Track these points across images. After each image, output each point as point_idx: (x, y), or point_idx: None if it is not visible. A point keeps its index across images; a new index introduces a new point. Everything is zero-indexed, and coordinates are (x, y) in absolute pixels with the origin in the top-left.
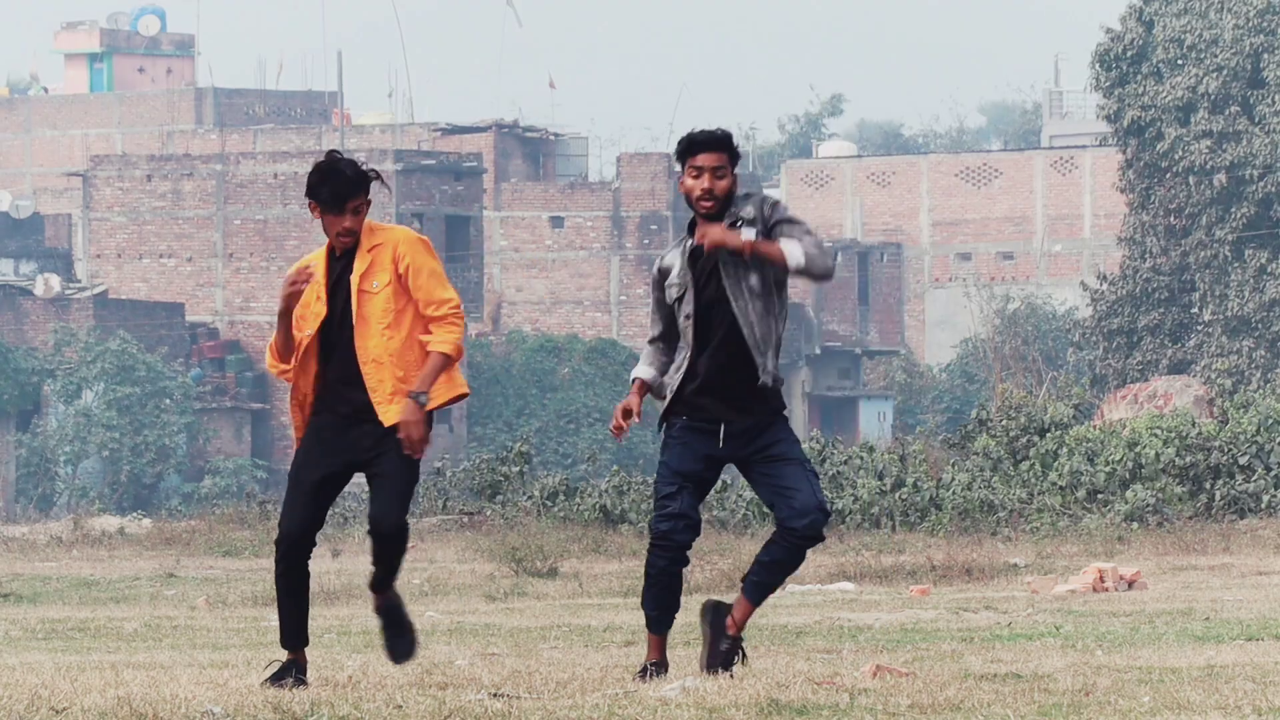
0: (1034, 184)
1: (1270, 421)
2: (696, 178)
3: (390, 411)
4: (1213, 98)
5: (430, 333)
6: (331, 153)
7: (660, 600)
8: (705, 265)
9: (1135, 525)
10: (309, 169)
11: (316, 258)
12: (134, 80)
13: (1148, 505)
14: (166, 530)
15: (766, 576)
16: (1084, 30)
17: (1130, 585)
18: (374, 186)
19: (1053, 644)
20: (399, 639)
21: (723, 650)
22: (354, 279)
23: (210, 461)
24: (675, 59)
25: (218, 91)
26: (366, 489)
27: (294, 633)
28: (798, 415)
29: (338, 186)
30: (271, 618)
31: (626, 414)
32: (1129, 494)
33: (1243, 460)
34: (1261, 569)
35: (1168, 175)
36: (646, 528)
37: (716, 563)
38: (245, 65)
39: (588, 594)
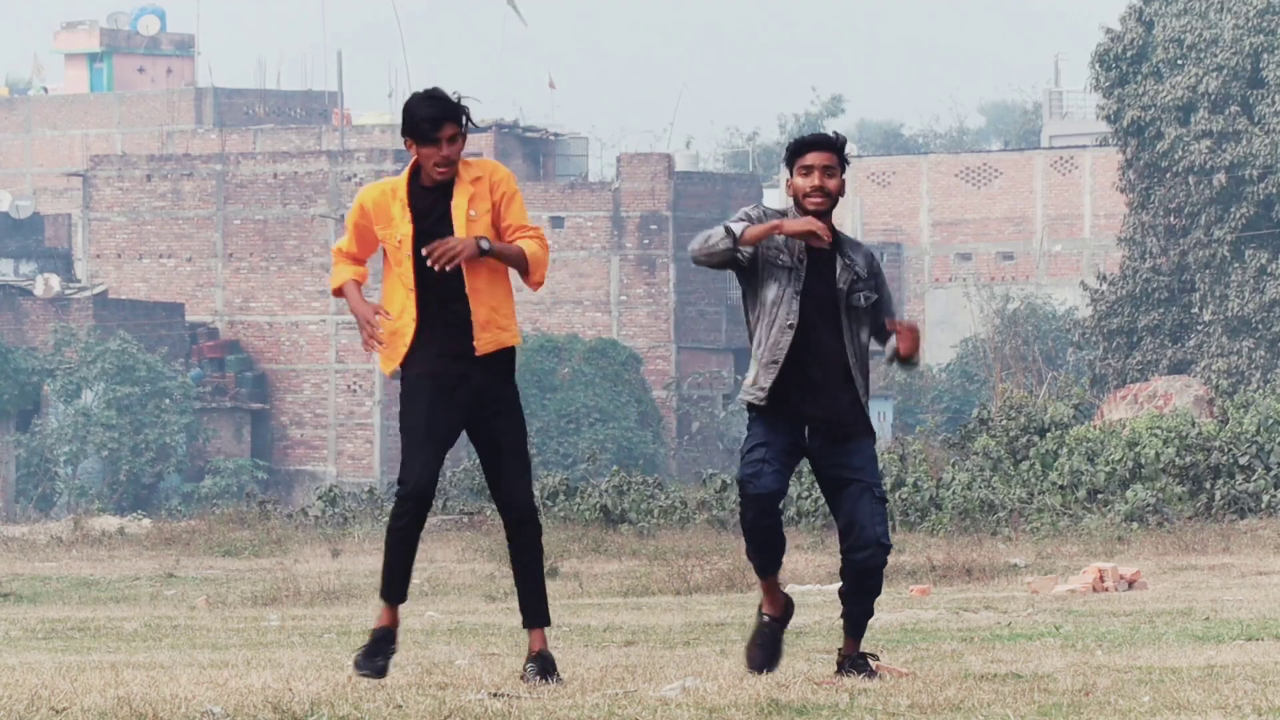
0: (1034, 184)
1: (1270, 421)
2: (806, 176)
3: (484, 339)
4: (1212, 98)
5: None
6: (428, 90)
7: (760, 547)
8: (817, 290)
9: (1135, 525)
10: (308, 169)
11: (392, 185)
12: (134, 80)
13: (1148, 505)
14: (166, 530)
15: (852, 607)
16: (1084, 30)
17: (1130, 585)
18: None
19: (1053, 644)
20: (549, 677)
21: (846, 669)
22: (457, 203)
23: (210, 461)
24: (675, 59)
25: (218, 91)
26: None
27: (400, 586)
28: None
29: (435, 111)
30: (271, 617)
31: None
32: (1129, 494)
33: (1243, 460)
34: (1261, 569)
35: (1167, 175)
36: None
37: (716, 563)
38: (245, 65)
39: (588, 594)
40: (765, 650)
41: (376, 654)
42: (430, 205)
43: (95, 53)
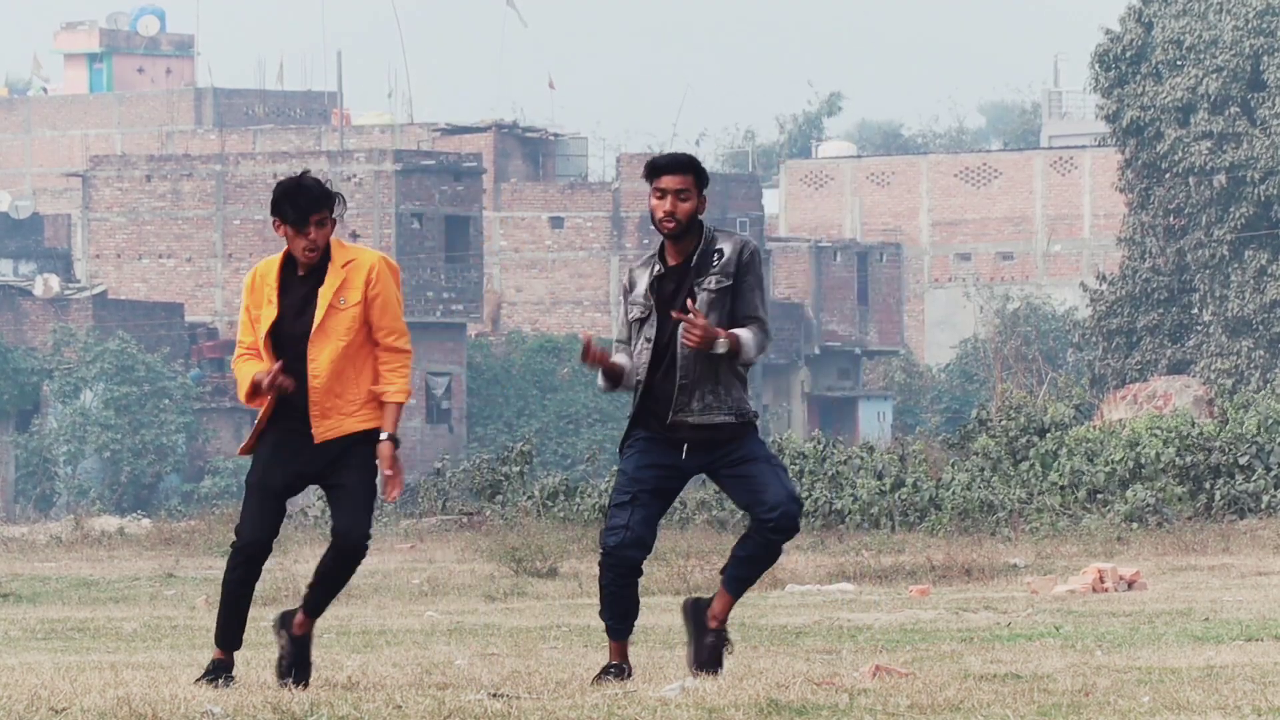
0: (1033, 184)
1: (1270, 421)
2: (660, 199)
3: (323, 427)
4: (1212, 99)
5: (379, 371)
6: (302, 174)
7: (615, 611)
8: (669, 305)
9: (1135, 525)
10: (308, 169)
11: (268, 266)
12: (133, 80)
13: (1147, 505)
14: (166, 530)
15: (744, 571)
16: (1083, 30)
17: (1130, 585)
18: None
19: (1052, 644)
20: (298, 669)
21: (708, 644)
22: (324, 292)
23: (210, 461)
24: (675, 59)
25: (217, 92)
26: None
27: (233, 633)
28: (797, 415)
29: (300, 202)
30: (268, 617)
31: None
32: (1129, 494)
33: (1243, 460)
34: (1261, 569)
35: (1167, 176)
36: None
37: (716, 563)
38: (245, 65)
39: (587, 594)
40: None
41: (215, 676)
42: (298, 290)
43: (95, 53)
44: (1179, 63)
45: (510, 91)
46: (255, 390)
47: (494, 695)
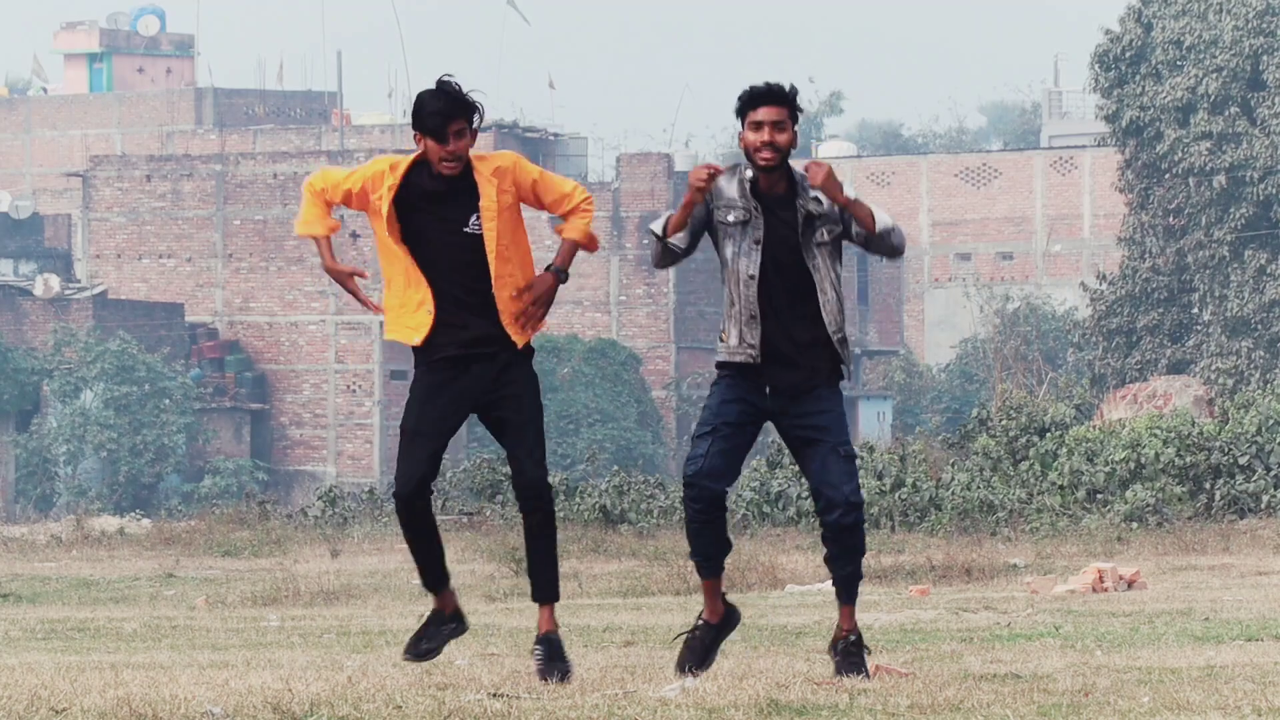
0: (1033, 184)
1: (1270, 421)
2: (756, 131)
3: (519, 332)
4: (1212, 99)
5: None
6: (440, 79)
7: (700, 547)
8: (775, 218)
9: (1135, 525)
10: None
11: (391, 164)
12: (133, 80)
13: (1147, 505)
14: (166, 530)
15: (837, 571)
16: (1083, 30)
17: (1130, 585)
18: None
19: (1052, 644)
20: (555, 663)
21: (841, 651)
22: (484, 203)
23: (210, 462)
24: (675, 59)
25: (217, 92)
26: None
27: (433, 573)
28: None
29: (442, 106)
30: (271, 618)
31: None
32: (1129, 494)
33: (1243, 460)
34: (1261, 569)
35: (1167, 176)
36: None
37: None
38: (245, 65)
39: (587, 594)
40: (694, 653)
41: (422, 638)
42: (446, 194)
43: (95, 53)
44: (1179, 63)
45: (510, 91)
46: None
47: (494, 695)
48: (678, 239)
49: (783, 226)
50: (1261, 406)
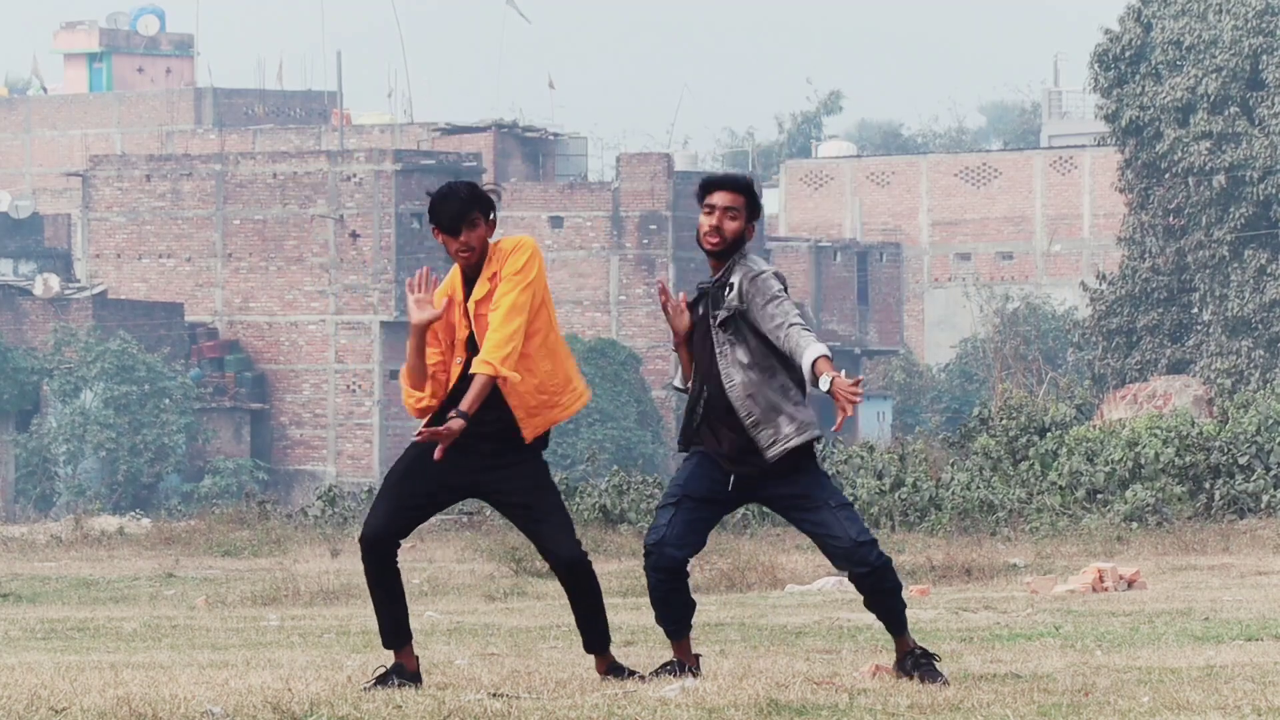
0: (1033, 184)
1: (1270, 421)
2: (708, 215)
3: (529, 425)
4: (1212, 99)
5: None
6: (449, 182)
7: (664, 615)
8: (701, 326)
9: (1135, 525)
10: (308, 169)
11: (452, 281)
12: (133, 80)
13: (1147, 505)
14: (166, 530)
15: (878, 612)
16: (1083, 30)
17: (1130, 585)
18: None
19: (1052, 644)
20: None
21: (910, 666)
22: (470, 305)
23: (210, 461)
24: (675, 59)
25: (217, 91)
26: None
27: (390, 631)
28: None
29: (451, 208)
30: (271, 617)
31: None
32: (1129, 494)
33: (1242, 460)
34: (1261, 569)
35: (1167, 176)
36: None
37: (716, 563)
38: (245, 65)
39: None
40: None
41: (381, 680)
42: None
43: (95, 53)
44: (1178, 63)
45: (510, 91)
46: (419, 369)
47: (494, 695)
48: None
49: (707, 352)
50: (1261, 406)
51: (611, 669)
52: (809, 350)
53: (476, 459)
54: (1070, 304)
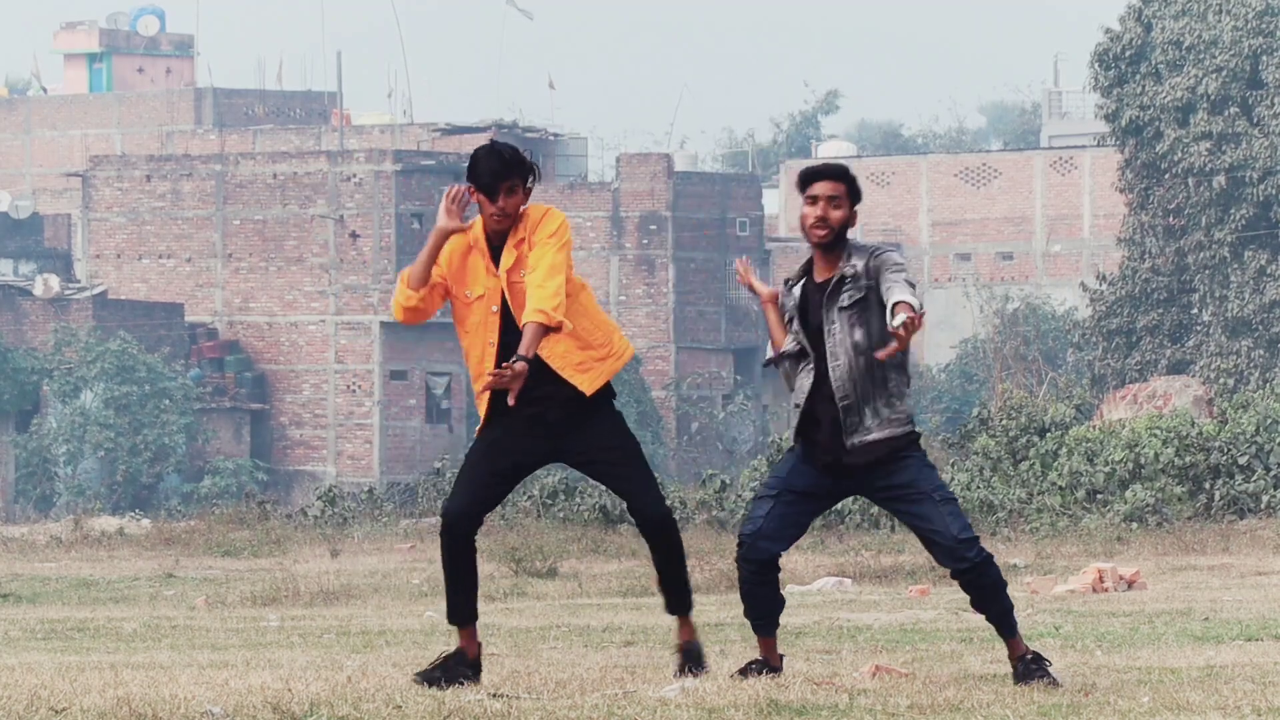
0: (1033, 184)
1: (1270, 421)
2: (811, 205)
3: (584, 380)
4: (1212, 99)
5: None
6: (493, 141)
7: (753, 609)
8: (814, 317)
9: (1135, 525)
10: (308, 169)
11: (472, 234)
12: (133, 80)
13: (1147, 505)
14: (166, 530)
15: (986, 613)
16: (1083, 30)
17: (1130, 585)
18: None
19: (1052, 644)
20: (693, 668)
21: (1021, 671)
22: (501, 274)
23: (210, 462)
24: (675, 60)
25: (217, 92)
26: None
27: (459, 607)
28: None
29: (493, 165)
30: (271, 618)
31: (752, 282)
32: (1129, 494)
33: (1242, 460)
34: (1261, 569)
35: (1167, 176)
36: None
37: (715, 563)
38: (244, 65)
39: (587, 594)
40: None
41: (437, 669)
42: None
43: (95, 53)
44: (1178, 62)
45: (510, 91)
46: (425, 270)
47: (494, 695)
48: (787, 344)
49: (817, 313)
50: (1261, 406)
51: (689, 649)
52: (895, 293)
53: (550, 428)
54: (1070, 304)
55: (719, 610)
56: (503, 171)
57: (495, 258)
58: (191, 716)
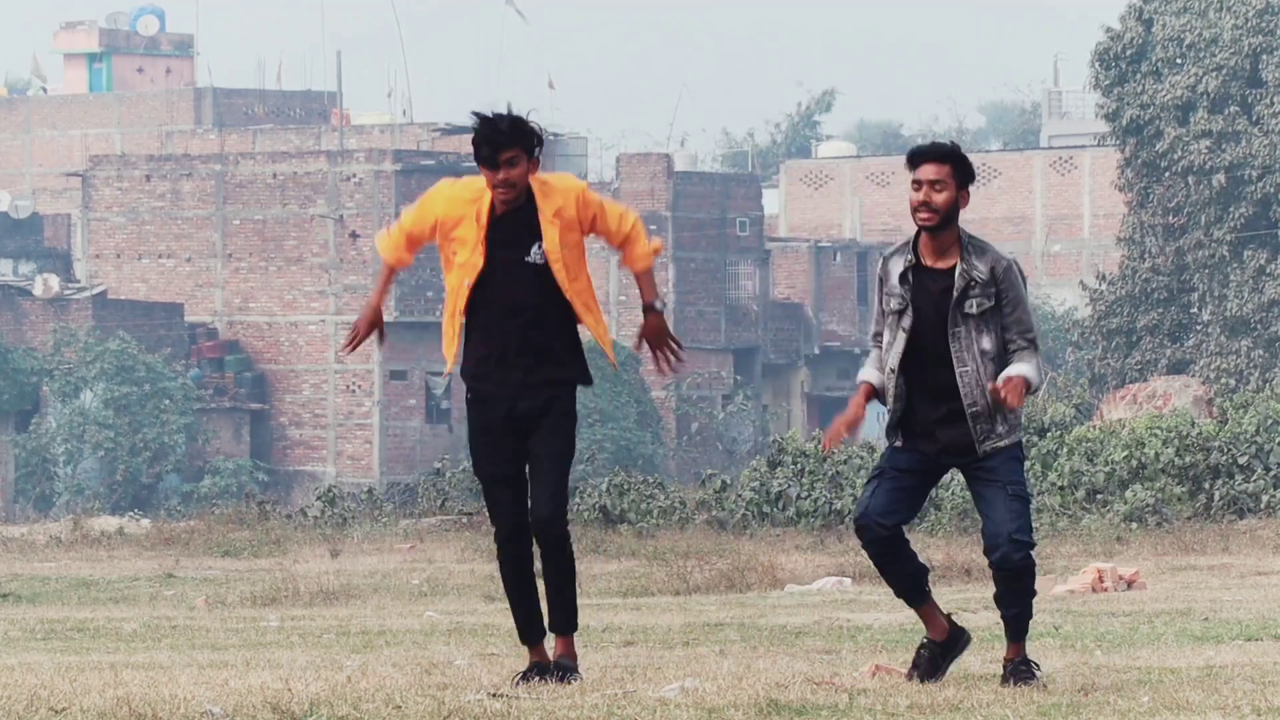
0: (1033, 184)
1: (1269, 421)
2: (916, 190)
3: (587, 319)
4: (1212, 97)
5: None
6: (495, 114)
7: (893, 584)
8: (925, 305)
9: (1135, 525)
10: (308, 169)
11: (475, 203)
12: (133, 80)
13: (1147, 505)
14: (166, 530)
15: (1004, 611)
16: (1083, 30)
17: (1129, 585)
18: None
19: (1052, 644)
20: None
21: (1008, 672)
22: (546, 249)
23: (209, 462)
24: (675, 60)
25: (217, 91)
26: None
27: (525, 624)
28: (796, 415)
29: (491, 137)
30: (270, 618)
31: (851, 426)
32: (1128, 494)
33: (1242, 460)
34: (1261, 569)
35: (1166, 175)
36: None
37: (715, 563)
38: (244, 65)
39: (587, 594)
40: (921, 670)
41: (528, 679)
42: (512, 236)
43: (94, 53)
44: (1179, 61)
45: (510, 91)
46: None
47: (494, 695)
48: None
49: (932, 306)
50: (1261, 406)
51: (563, 663)
52: (1015, 368)
53: (527, 407)
54: (1070, 304)
55: (719, 610)
56: (500, 142)
57: (492, 232)
58: (191, 716)
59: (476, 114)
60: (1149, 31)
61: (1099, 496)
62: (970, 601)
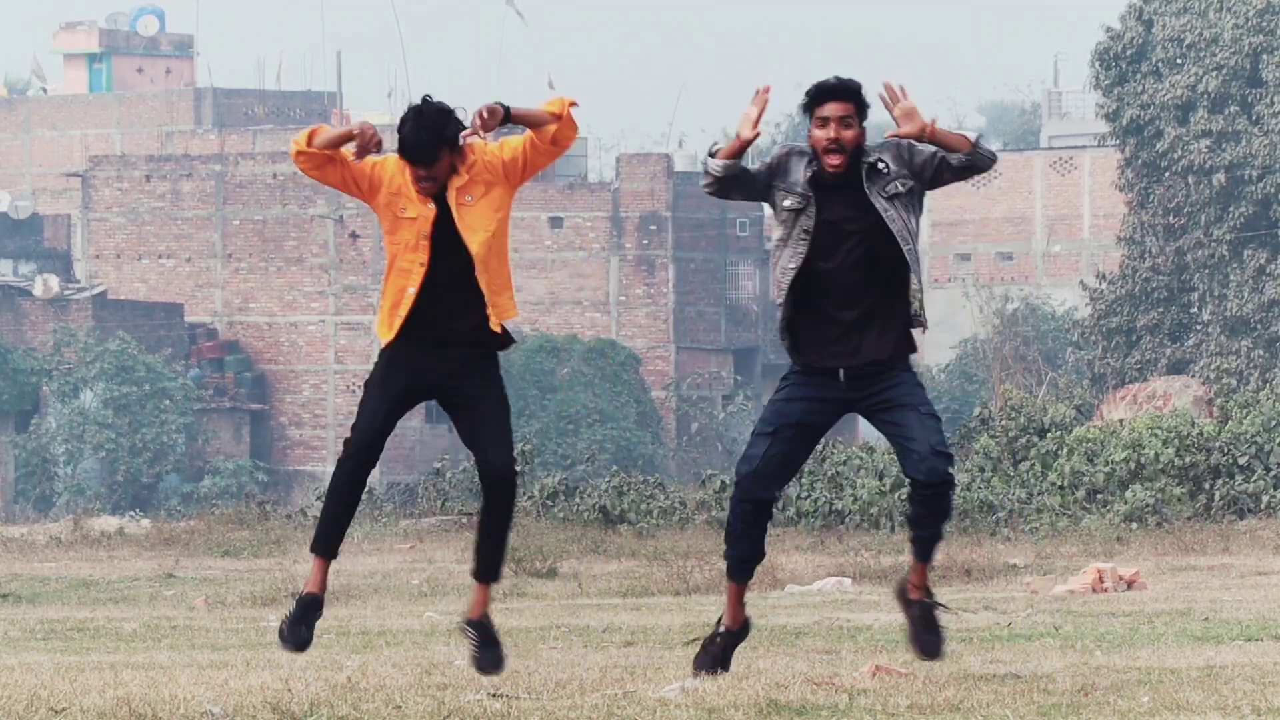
0: (1033, 184)
1: (1270, 421)
2: (822, 128)
3: (496, 306)
4: (1212, 97)
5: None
6: (425, 100)
7: (740, 550)
8: (832, 208)
9: (1135, 525)
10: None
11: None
12: (133, 80)
13: (1147, 505)
14: (166, 531)
15: (920, 531)
16: (1083, 30)
17: (1129, 585)
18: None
19: (1052, 644)
20: (488, 651)
21: (915, 615)
22: (452, 194)
23: (209, 462)
24: (675, 60)
25: (217, 92)
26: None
27: (330, 538)
28: None
29: (418, 146)
30: (271, 618)
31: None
32: (1128, 494)
33: (1242, 460)
34: (1261, 569)
35: (1166, 174)
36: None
37: (715, 563)
38: (244, 65)
39: (587, 594)
40: (710, 658)
41: (301, 622)
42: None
43: (94, 53)
44: (1179, 61)
45: (509, 92)
46: (333, 142)
47: (494, 695)
48: (721, 166)
49: (841, 210)
50: (1261, 406)
51: (481, 624)
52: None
53: (447, 364)
54: (1070, 304)
55: (719, 610)
56: (428, 151)
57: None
58: (191, 716)
59: (406, 113)
60: (1149, 31)
61: (1099, 497)
62: (970, 601)
